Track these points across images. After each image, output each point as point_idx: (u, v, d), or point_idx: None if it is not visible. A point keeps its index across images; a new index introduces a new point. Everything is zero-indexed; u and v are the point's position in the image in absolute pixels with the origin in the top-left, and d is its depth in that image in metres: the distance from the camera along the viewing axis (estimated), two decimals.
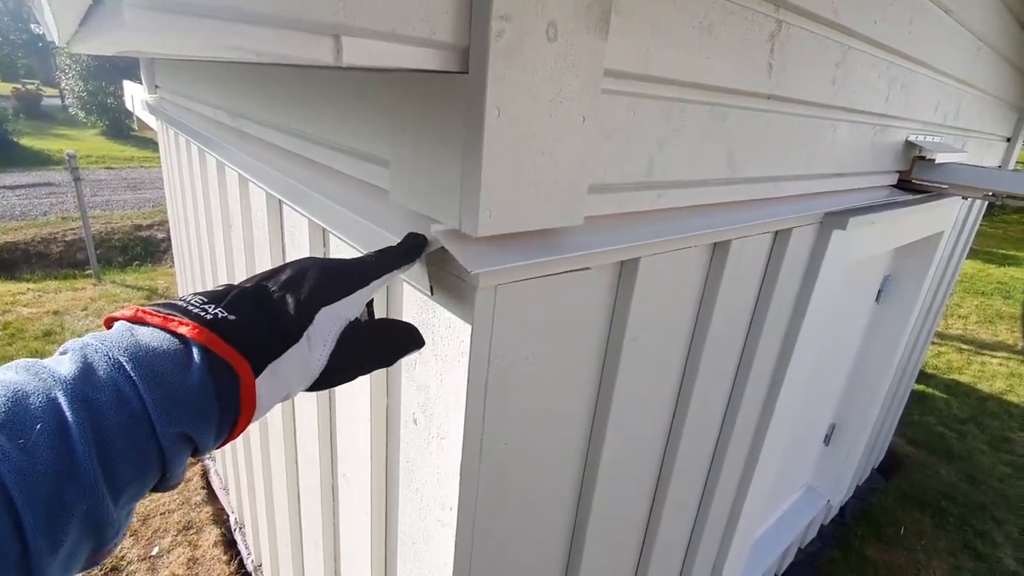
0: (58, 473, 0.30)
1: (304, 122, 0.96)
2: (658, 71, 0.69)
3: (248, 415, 0.40)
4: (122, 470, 0.34)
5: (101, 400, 0.33)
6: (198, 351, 0.37)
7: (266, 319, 0.42)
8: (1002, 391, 4.64)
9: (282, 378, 0.42)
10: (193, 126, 1.71)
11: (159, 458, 0.36)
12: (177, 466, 0.38)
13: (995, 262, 8.66)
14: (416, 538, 0.82)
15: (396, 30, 0.44)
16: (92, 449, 0.32)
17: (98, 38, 0.49)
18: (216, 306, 0.41)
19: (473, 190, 0.53)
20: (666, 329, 0.92)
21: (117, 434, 0.33)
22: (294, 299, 0.44)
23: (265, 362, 0.41)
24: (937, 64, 1.43)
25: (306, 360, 0.44)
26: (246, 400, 0.40)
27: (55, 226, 7.28)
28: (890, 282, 2.27)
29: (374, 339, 0.52)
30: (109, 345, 0.36)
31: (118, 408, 0.33)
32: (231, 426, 0.40)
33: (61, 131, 15.20)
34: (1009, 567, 2.76)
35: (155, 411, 0.35)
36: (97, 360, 0.35)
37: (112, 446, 0.33)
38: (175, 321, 0.38)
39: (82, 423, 0.32)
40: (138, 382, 0.34)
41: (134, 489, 0.35)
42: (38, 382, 0.32)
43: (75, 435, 0.31)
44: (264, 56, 0.43)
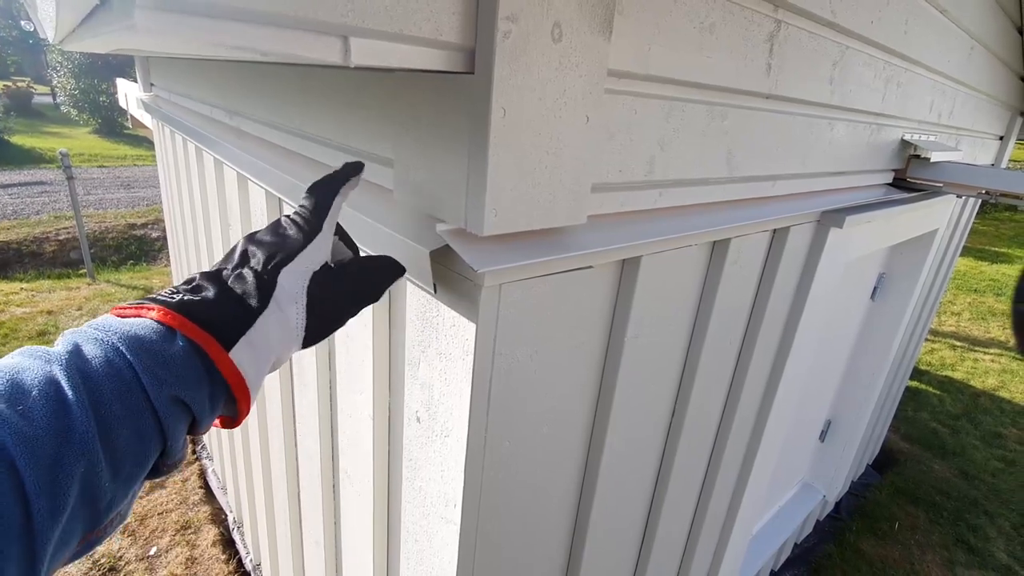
0: (57, 435, 0.32)
1: (305, 120, 0.96)
2: (660, 71, 0.69)
3: (239, 385, 0.42)
4: (120, 434, 0.35)
5: (92, 369, 0.35)
6: (170, 330, 0.40)
7: (227, 295, 0.44)
8: (994, 387, 4.68)
9: (262, 345, 0.44)
10: (190, 124, 1.71)
11: (156, 424, 0.37)
12: (176, 436, 0.39)
13: (987, 259, 8.73)
14: (419, 535, 0.83)
15: (403, 30, 0.44)
16: (89, 412, 0.33)
17: (99, 37, 0.49)
18: (181, 293, 0.43)
19: (479, 190, 0.53)
20: (666, 327, 0.93)
21: (112, 398, 0.35)
22: (252, 271, 0.46)
23: (235, 336, 0.42)
24: (932, 64, 1.44)
25: (282, 322, 0.46)
26: (227, 372, 0.41)
27: (48, 225, 7.22)
28: (885, 279, 2.29)
29: (351, 279, 0.52)
30: (95, 328, 0.38)
31: (110, 376, 0.35)
32: (226, 398, 0.42)
33: (53, 129, 15.08)
34: (1001, 560, 2.79)
35: (145, 375, 0.36)
36: (86, 340, 0.37)
37: (108, 410, 0.34)
38: (145, 308, 0.41)
39: (77, 388, 0.33)
40: (126, 352, 0.36)
41: (134, 459, 0.36)
42: (33, 360, 0.34)
43: (71, 399, 0.33)
44: (270, 56, 0.43)
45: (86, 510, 0.34)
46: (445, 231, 0.58)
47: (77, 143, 13.37)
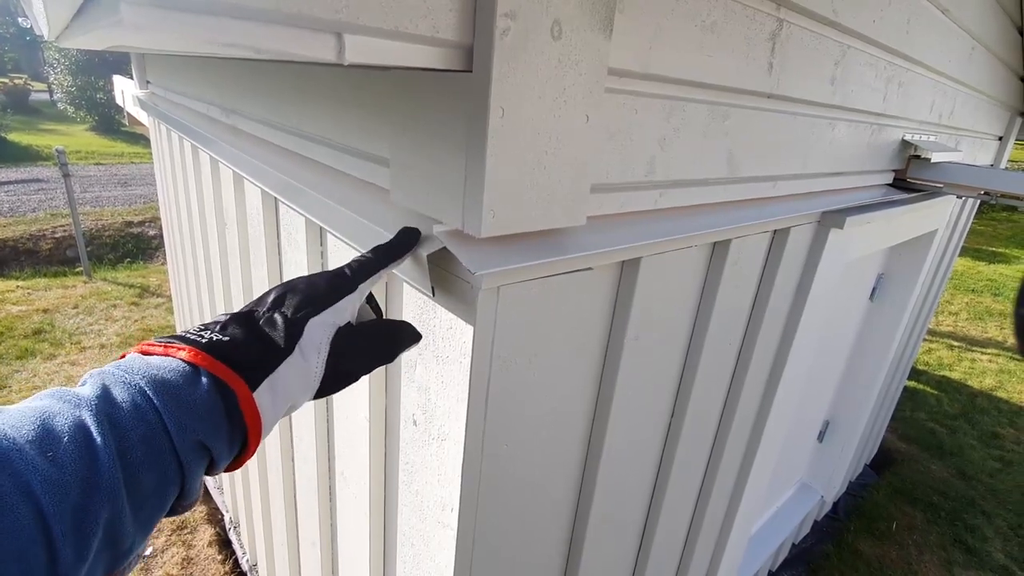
0: (84, 482, 0.32)
1: (301, 119, 0.95)
2: (660, 70, 0.68)
3: (256, 428, 0.43)
4: (144, 479, 0.36)
5: (121, 415, 0.35)
6: (196, 369, 0.40)
7: (256, 337, 0.45)
8: (992, 387, 4.69)
9: (282, 390, 0.45)
10: (186, 122, 1.69)
11: (178, 468, 0.38)
12: (194, 478, 0.40)
13: (985, 260, 8.74)
14: (415, 539, 0.82)
15: (399, 28, 0.43)
16: (115, 460, 0.34)
17: (91, 33, 0.48)
18: (211, 331, 0.44)
19: (476, 190, 0.52)
20: (666, 328, 0.92)
21: (137, 444, 0.35)
22: (282, 316, 0.47)
23: (260, 377, 0.43)
24: (933, 64, 1.43)
25: (303, 369, 0.46)
26: (249, 414, 0.42)
27: (44, 223, 7.19)
28: (884, 280, 2.28)
29: (371, 339, 0.53)
30: (124, 370, 0.38)
31: (137, 421, 0.36)
32: (242, 441, 0.43)
33: (50, 126, 15.02)
34: (998, 561, 2.79)
35: (170, 422, 0.37)
36: (114, 383, 0.37)
37: (133, 456, 0.35)
38: (174, 347, 0.41)
39: (105, 435, 0.34)
40: (153, 397, 0.37)
41: (155, 501, 0.37)
42: (63, 404, 0.35)
43: (99, 446, 0.33)
44: (264, 53, 0.42)
45: (108, 553, 0.34)
46: (442, 232, 0.57)
47: (74, 140, 13.32)
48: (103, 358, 3.97)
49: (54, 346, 4.07)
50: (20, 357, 3.87)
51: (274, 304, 0.48)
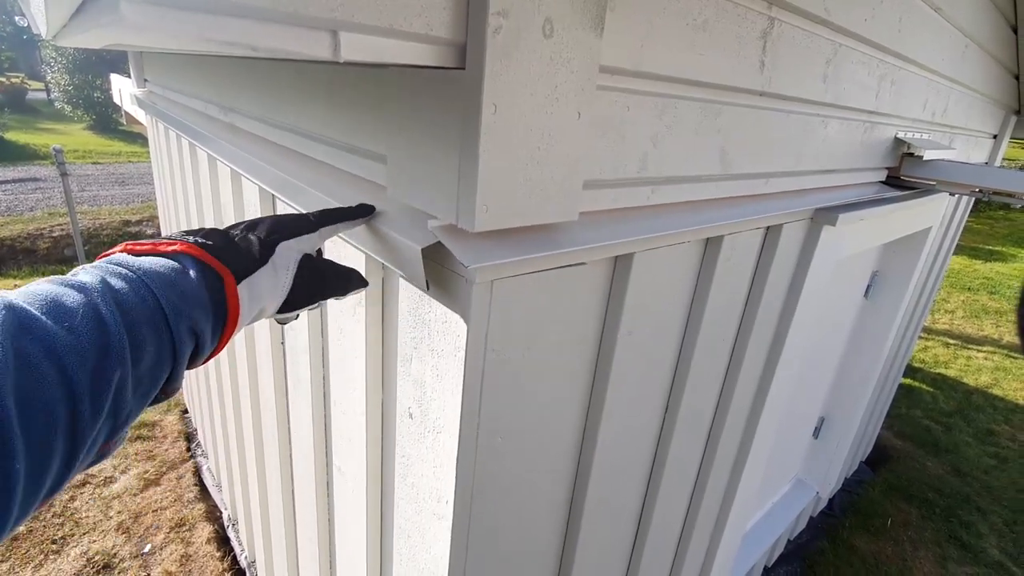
0: (99, 348, 0.37)
1: (298, 117, 0.96)
2: (652, 67, 0.69)
3: (234, 318, 0.48)
4: (146, 355, 0.40)
5: (124, 298, 0.40)
6: (190, 261, 0.46)
7: (237, 245, 0.52)
8: (987, 385, 4.71)
9: (257, 293, 0.51)
10: (184, 120, 1.70)
11: (171, 349, 0.43)
12: (182, 362, 0.44)
13: (981, 258, 8.77)
14: (412, 532, 0.83)
15: (394, 26, 0.44)
16: (123, 333, 0.38)
17: (90, 32, 0.48)
18: (195, 236, 0.49)
19: (470, 186, 0.53)
20: (659, 323, 0.93)
21: (140, 323, 0.40)
22: (256, 236, 0.54)
23: (242, 275, 0.49)
24: (926, 62, 1.44)
25: (273, 280, 0.54)
26: (232, 303, 0.48)
27: (42, 222, 7.18)
28: (878, 277, 2.30)
29: (327, 272, 0.62)
30: (116, 264, 0.43)
31: (139, 303, 0.40)
32: (222, 329, 0.48)
33: (47, 125, 14.98)
34: (993, 557, 2.81)
35: (167, 306, 0.42)
36: (111, 274, 0.41)
37: (137, 333, 0.40)
38: (164, 244, 0.47)
39: (113, 313, 0.38)
40: (151, 286, 0.42)
41: (151, 377, 0.41)
42: (68, 289, 0.39)
43: (108, 320, 0.38)
44: (260, 51, 0.43)
45: (111, 419, 0.38)
46: (437, 227, 0.58)
47: (71, 139, 13.29)
48: None
49: None
50: None
51: (247, 228, 0.55)
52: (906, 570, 2.67)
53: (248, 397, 1.62)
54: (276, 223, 0.57)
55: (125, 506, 2.57)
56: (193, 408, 3.01)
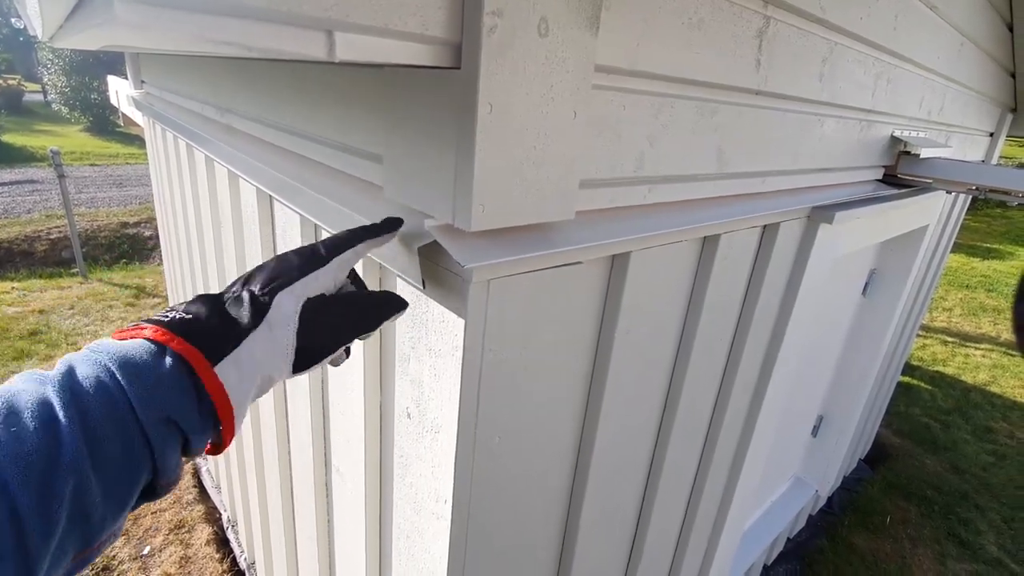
0: (47, 454, 0.33)
1: (295, 118, 0.96)
2: (648, 67, 0.70)
3: (223, 404, 0.43)
4: (109, 453, 0.36)
5: (84, 391, 0.36)
6: (161, 347, 0.41)
7: (218, 314, 0.45)
8: (985, 382, 4.72)
9: (250, 365, 0.45)
10: (181, 122, 1.70)
11: (145, 443, 0.38)
12: (167, 456, 0.40)
13: (979, 256, 8.79)
14: (411, 532, 0.83)
15: (389, 25, 0.44)
16: (78, 431, 0.34)
17: (85, 33, 0.49)
18: (176, 312, 0.44)
19: (466, 185, 0.53)
20: (657, 322, 0.93)
21: (100, 418, 0.36)
22: (249, 293, 0.47)
23: (221, 352, 0.43)
24: (922, 60, 1.45)
25: (273, 343, 0.47)
26: (211, 387, 0.42)
27: (39, 224, 7.17)
28: (876, 276, 2.30)
29: (349, 307, 0.54)
30: (91, 350, 0.39)
31: (100, 395, 0.36)
32: (214, 418, 0.43)
33: (44, 127, 14.95)
34: (992, 554, 2.82)
35: (133, 396, 0.38)
36: (80, 361, 0.38)
37: (98, 429, 0.35)
38: (141, 328, 0.42)
39: (67, 407, 0.35)
40: (116, 373, 0.38)
41: (124, 476, 0.37)
42: (30, 383, 0.36)
43: (60, 418, 0.34)
44: (256, 51, 0.43)
45: (78, 529, 0.35)
46: (433, 227, 0.58)
47: (68, 141, 13.27)
48: None
49: (50, 347, 4.07)
50: (16, 358, 3.86)
51: (243, 282, 0.49)
52: (905, 568, 2.67)
53: None
54: (277, 268, 0.50)
55: None
56: None
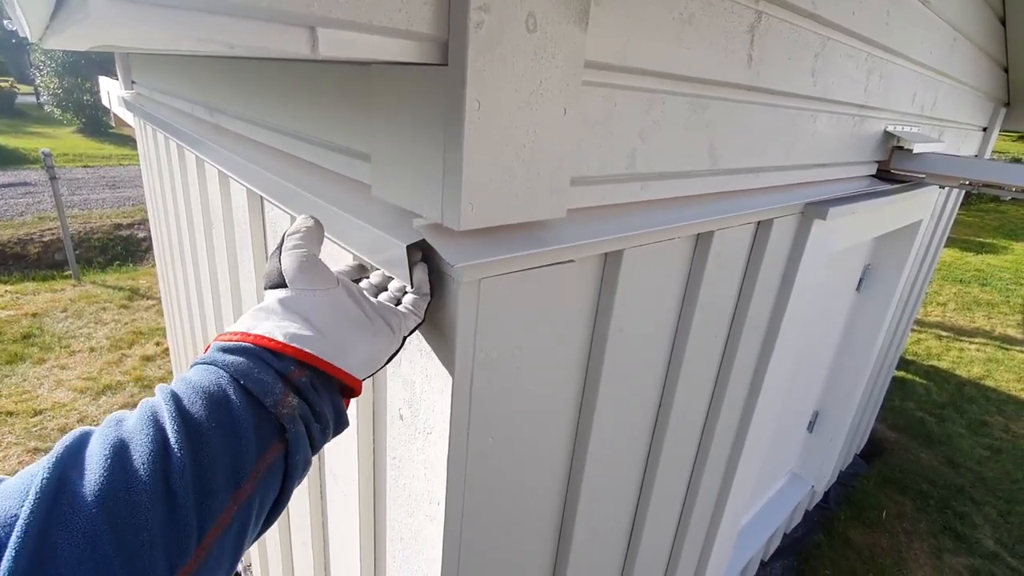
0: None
1: (284, 117, 0.95)
2: (639, 62, 0.69)
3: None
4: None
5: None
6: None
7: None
8: (980, 376, 4.75)
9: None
10: (171, 122, 1.68)
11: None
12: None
13: (972, 250, 8.83)
14: (404, 534, 0.82)
15: (373, 21, 0.43)
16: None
17: (67, 32, 0.48)
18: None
19: (454, 184, 0.52)
20: (651, 320, 0.93)
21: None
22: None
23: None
24: (914, 55, 1.44)
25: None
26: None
27: (32, 226, 7.11)
28: (870, 271, 2.31)
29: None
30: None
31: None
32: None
33: (36, 129, 14.84)
34: (988, 547, 2.83)
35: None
36: None
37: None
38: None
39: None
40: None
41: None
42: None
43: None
44: (238, 49, 0.42)
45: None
46: (422, 226, 0.58)
47: (61, 143, 13.18)
48: (92, 361, 3.94)
49: (43, 350, 4.04)
50: (10, 362, 3.84)
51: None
52: (901, 562, 2.68)
53: None
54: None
55: None
56: None
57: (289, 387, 0.46)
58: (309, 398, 0.47)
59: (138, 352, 4.10)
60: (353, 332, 0.52)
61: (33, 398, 3.47)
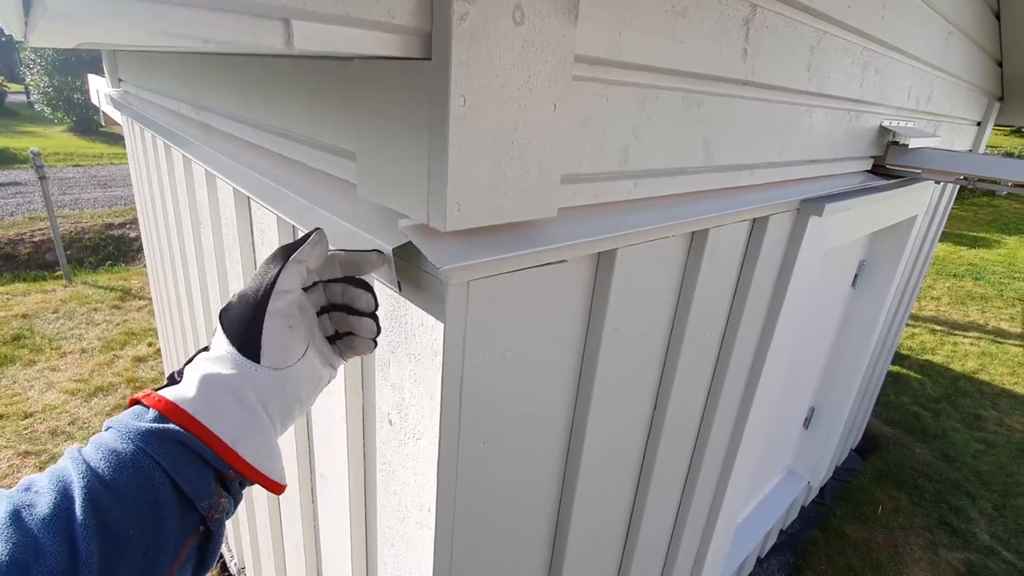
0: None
1: (269, 114, 0.92)
2: (631, 56, 0.67)
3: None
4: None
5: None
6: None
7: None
8: (974, 370, 4.76)
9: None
10: (158, 121, 1.65)
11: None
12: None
13: (966, 244, 8.86)
14: (395, 540, 0.81)
15: (351, 13, 0.41)
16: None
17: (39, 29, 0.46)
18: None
19: (440, 183, 0.50)
20: (645, 320, 0.91)
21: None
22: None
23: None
24: (910, 49, 1.43)
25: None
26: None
27: (22, 227, 7.05)
28: (866, 267, 2.30)
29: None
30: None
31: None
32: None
33: (27, 128, 14.70)
34: (983, 542, 2.84)
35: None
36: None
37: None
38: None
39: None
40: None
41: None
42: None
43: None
44: (212, 44, 0.40)
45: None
46: (408, 227, 0.56)
47: (52, 142, 13.06)
48: (84, 363, 3.91)
49: (34, 352, 4.00)
50: (0, 364, 3.80)
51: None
52: (897, 557, 2.69)
53: None
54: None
55: None
56: None
57: (223, 489, 0.43)
58: (237, 497, 0.45)
59: (130, 353, 4.06)
60: (304, 402, 0.51)
61: (23, 400, 3.44)
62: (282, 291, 0.49)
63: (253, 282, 0.50)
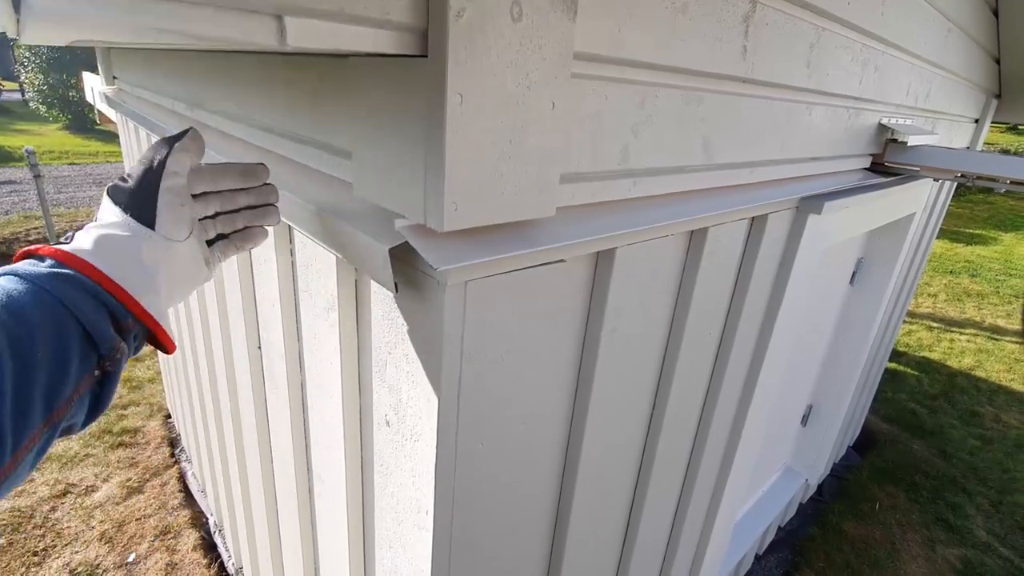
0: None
1: (265, 112, 0.91)
2: (630, 54, 0.66)
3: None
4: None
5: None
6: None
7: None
8: (970, 367, 4.77)
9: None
10: (152, 118, 1.64)
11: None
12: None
13: (962, 241, 8.88)
14: (393, 542, 0.80)
15: (345, 9, 0.41)
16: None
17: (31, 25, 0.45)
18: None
19: (437, 183, 0.50)
20: (645, 319, 0.91)
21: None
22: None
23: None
24: (909, 46, 1.43)
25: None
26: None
27: (18, 225, 7.00)
28: (864, 264, 2.30)
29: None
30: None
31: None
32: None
33: (22, 126, 14.61)
34: (980, 538, 2.84)
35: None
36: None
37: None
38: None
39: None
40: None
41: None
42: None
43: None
44: (204, 40, 0.39)
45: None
46: (404, 227, 0.55)
47: (47, 140, 12.98)
48: None
49: None
50: None
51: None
52: (895, 553, 2.69)
53: (228, 401, 1.57)
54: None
55: (108, 515, 2.52)
56: (176, 412, 2.96)
57: (121, 336, 0.46)
58: (132, 345, 0.48)
59: None
60: (184, 289, 0.53)
61: None
62: (172, 172, 0.52)
63: (141, 164, 0.52)
